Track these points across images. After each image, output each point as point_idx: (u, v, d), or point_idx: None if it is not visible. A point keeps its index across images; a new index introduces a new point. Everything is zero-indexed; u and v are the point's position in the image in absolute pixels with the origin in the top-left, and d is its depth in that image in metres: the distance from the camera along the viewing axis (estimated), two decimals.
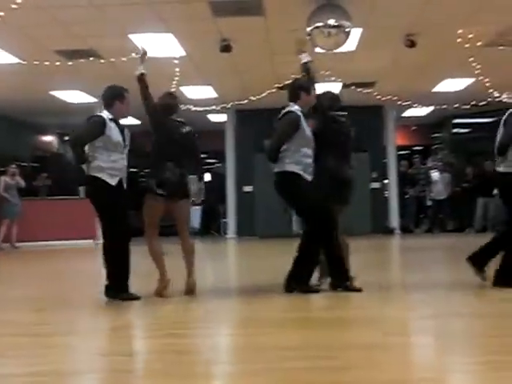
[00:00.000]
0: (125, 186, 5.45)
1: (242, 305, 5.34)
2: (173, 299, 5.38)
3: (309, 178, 5.47)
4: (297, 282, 5.46)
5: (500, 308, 4.80)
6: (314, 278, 5.62)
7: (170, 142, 5.51)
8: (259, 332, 4.06)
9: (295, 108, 5.57)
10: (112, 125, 5.37)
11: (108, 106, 5.48)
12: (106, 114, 5.41)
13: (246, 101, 12.92)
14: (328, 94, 5.95)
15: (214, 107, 13.58)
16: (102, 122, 5.33)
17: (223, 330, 4.37)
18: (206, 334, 4.14)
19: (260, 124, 14.59)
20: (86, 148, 5.39)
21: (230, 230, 15.26)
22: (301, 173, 5.44)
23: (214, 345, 3.87)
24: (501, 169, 5.59)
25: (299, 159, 5.44)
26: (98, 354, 3.69)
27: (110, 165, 5.30)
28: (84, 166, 5.37)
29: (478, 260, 5.73)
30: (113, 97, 5.50)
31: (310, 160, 5.50)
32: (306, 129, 5.52)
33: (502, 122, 5.59)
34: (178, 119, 5.70)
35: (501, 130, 5.59)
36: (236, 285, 6.87)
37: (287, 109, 5.62)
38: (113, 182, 5.30)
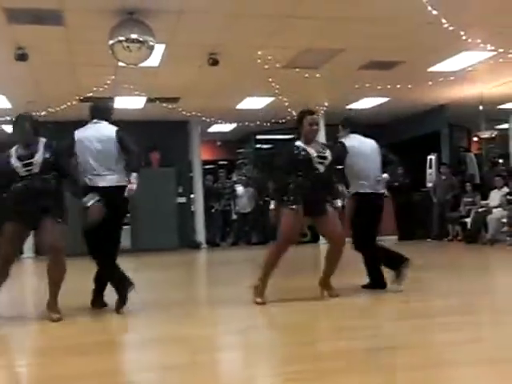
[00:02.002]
0: None
1: (33, 332, 5.01)
2: None
3: None
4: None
5: (298, 318, 5.00)
6: None
7: None
8: (54, 361, 3.81)
9: None
10: None
11: None
12: None
13: (44, 112, 12.36)
14: None
15: (7, 118, 12.79)
16: None
17: (13, 361, 4.08)
18: None
19: (61, 137, 14.03)
20: None
21: (26, 249, 14.39)
22: None
23: (8, 378, 3.59)
24: None
25: None
26: None
27: None
28: None
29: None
30: None
31: None
32: None
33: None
34: None
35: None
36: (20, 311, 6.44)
37: None
38: None
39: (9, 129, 14.76)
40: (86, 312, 5.45)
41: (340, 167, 6.19)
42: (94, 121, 5.72)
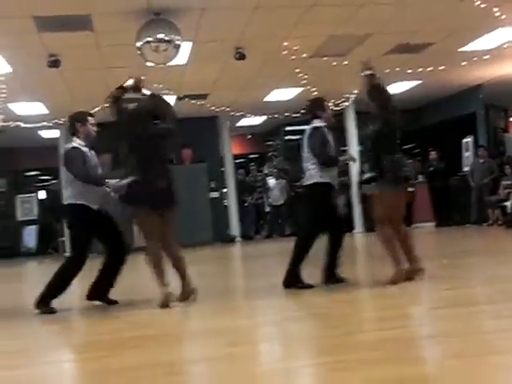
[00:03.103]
0: None
1: (78, 327, 5.16)
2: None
3: None
4: None
5: (336, 308, 5.03)
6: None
7: None
8: (100, 355, 3.92)
9: None
10: None
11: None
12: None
13: None
14: None
15: (45, 123, 13.05)
16: None
17: (64, 356, 4.19)
18: (47, 361, 3.96)
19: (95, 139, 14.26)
20: None
21: (67, 248, 14.69)
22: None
23: (57, 373, 3.71)
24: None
25: None
26: None
27: None
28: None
29: (327, 276, 5.93)
30: None
31: None
32: None
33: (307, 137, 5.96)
34: None
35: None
36: (74, 307, 6.61)
37: None
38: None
39: (46, 134, 15.06)
40: (133, 307, 5.58)
41: None
42: None
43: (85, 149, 5.60)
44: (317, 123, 5.99)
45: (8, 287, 8.37)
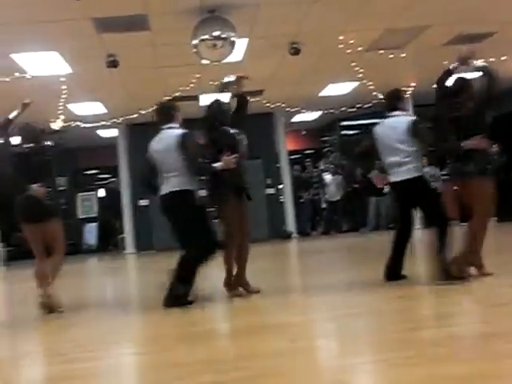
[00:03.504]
0: None
1: (143, 322, 5.24)
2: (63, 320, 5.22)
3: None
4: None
5: (396, 305, 4.97)
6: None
7: None
8: (163, 349, 3.99)
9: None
10: None
11: None
12: None
13: (136, 115, 12.78)
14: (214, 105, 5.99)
15: (103, 122, 13.33)
16: None
17: (126, 350, 4.25)
18: (108, 355, 4.04)
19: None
20: None
21: (127, 245, 15.00)
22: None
23: (118, 366, 3.77)
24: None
25: None
26: None
27: None
28: None
29: (393, 273, 5.83)
30: None
31: None
32: None
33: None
34: None
35: None
36: (136, 301, 6.74)
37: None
38: None
39: (105, 133, 15.39)
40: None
41: None
42: None
43: None
44: (399, 114, 5.84)
45: (71, 282, 8.57)
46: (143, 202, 14.69)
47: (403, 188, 5.72)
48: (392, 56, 10.37)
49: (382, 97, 11.54)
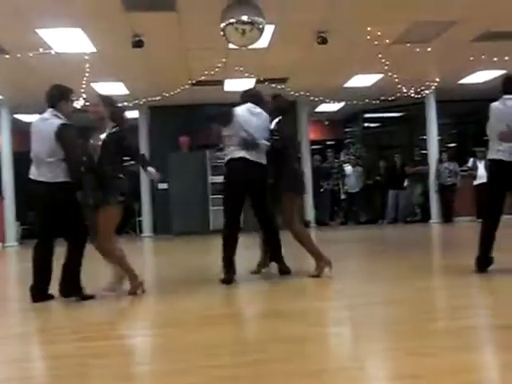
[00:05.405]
0: None
1: (161, 304, 5.27)
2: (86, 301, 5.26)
3: None
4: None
5: (413, 295, 4.96)
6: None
7: None
8: (182, 330, 4.01)
9: None
10: None
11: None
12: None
13: (158, 97, 12.80)
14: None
15: (125, 103, 13.35)
16: None
17: (143, 331, 4.27)
18: (125, 335, 4.07)
19: (174, 120, 14.51)
20: None
21: (145, 229, 15.07)
22: None
23: (134, 346, 3.80)
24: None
25: None
26: (6, 362, 3.55)
27: None
28: None
29: (485, 261, 5.70)
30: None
31: None
32: None
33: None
34: None
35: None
36: (153, 284, 6.77)
37: None
38: None
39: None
40: (208, 287, 5.68)
41: None
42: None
43: None
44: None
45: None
46: (162, 186, 14.72)
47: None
48: (418, 50, 10.27)
49: (405, 90, 11.46)
